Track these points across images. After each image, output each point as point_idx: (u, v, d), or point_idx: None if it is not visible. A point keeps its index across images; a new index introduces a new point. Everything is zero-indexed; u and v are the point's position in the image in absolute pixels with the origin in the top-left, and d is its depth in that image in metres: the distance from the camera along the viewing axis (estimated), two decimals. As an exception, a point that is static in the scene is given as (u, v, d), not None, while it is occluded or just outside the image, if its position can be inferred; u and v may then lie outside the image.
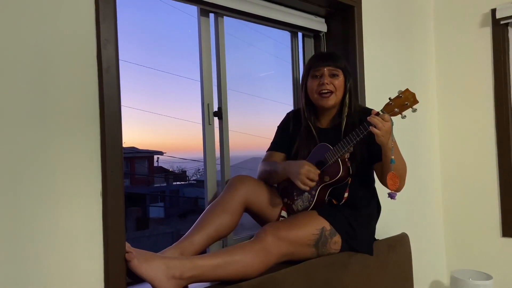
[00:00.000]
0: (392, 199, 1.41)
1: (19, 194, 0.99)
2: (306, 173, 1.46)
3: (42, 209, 1.02)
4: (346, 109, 1.59)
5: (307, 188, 1.47)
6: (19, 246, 0.99)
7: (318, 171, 1.48)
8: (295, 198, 1.59)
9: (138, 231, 12.16)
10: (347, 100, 1.60)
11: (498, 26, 2.41)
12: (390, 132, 1.36)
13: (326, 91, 1.56)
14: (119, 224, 1.13)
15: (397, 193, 1.41)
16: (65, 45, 1.08)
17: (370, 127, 1.35)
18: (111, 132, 1.13)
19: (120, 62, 1.20)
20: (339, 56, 1.62)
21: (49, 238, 1.03)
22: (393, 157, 1.39)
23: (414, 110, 1.36)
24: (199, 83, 1.75)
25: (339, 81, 1.58)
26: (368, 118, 1.35)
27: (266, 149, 1.77)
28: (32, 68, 1.02)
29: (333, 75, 1.57)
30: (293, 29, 2.09)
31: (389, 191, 1.41)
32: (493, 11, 2.42)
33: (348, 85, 1.60)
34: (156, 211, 14.63)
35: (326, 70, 1.56)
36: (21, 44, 1.01)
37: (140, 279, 1.19)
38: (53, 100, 1.05)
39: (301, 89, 1.66)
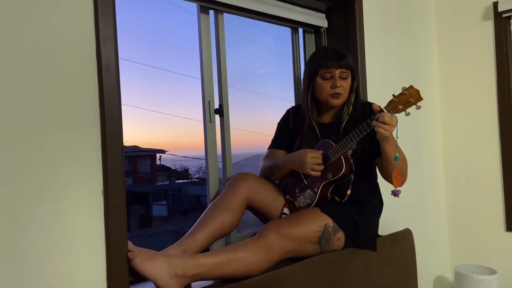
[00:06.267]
0: (396, 197, 1.40)
1: (20, 193, 0.99)
2: (311, 159, 1.46)
3: (44, 208, 1.02)
4: (350, 107, 1.58)
5: (318, 174, 1.47)
6: (21, 246, 0.98)
7: (321, 151, 1.49)
8: (298, 195, 1.58)
9: (141, 230, 12.22)
10: (352, 99, 1.59)
11: (500, 19, 2.40)
12: (394, 129, 1.35)
13: (338, 93, 1.54)
14: (120, 223, 1.13)
15: (401, 192, 1.40)
16: (64, 43, 1.07)
17: (376, 127, 1.33)
18: (111, 131, 1.12)
19: (121, 61, 1.20)
20: (347, 55, 1.58)
21: (51, 237, 1.03)
22: (397, 154, 1.38)
23: (418, 107, 1.34)
24: (200, 80, 1.74)
25: (347, 82, 1.56)
26: (377, 115, 1.34)
27: (268, 147, 1.76)
28: (31, 66, 1.02)
29: (343, 78, 1.55)
30: (294, 25, 2.07)
31: (393, 189, 1.40)
32: (495, 4, 2.40)
33: (355, 84, 1.59)
34: (159, 209, 14.69)
35: (337, 72, 1.53)
36: (20, 42, 1.00)
37: (142, 278, 1.19)
38: (53, 99, 1.05)
39: (306, 87, 1.61)
